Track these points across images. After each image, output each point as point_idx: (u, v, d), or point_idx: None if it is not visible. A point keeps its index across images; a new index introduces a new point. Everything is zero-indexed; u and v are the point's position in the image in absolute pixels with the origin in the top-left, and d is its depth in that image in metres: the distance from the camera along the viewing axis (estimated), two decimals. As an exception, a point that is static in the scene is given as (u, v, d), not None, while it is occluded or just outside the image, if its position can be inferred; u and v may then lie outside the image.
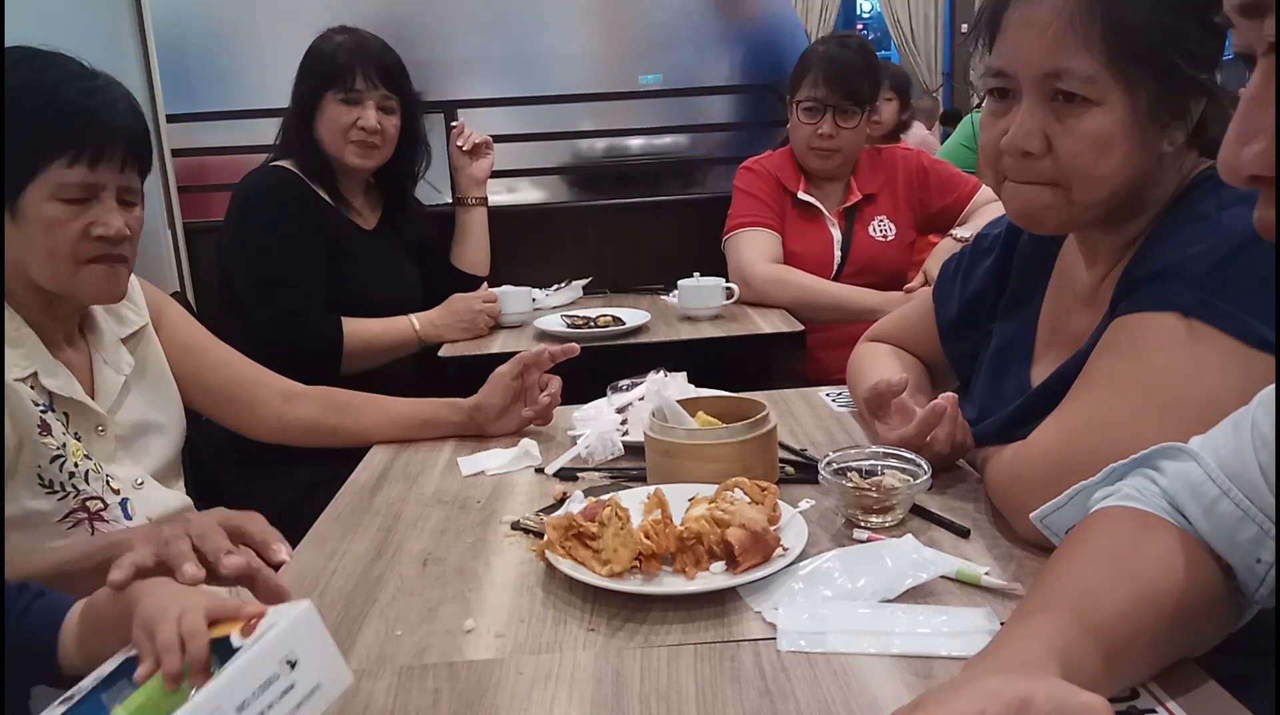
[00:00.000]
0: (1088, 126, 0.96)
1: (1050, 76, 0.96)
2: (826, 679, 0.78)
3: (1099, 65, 0.94)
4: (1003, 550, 0.99)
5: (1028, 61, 0.98)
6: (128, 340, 1.34)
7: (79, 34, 2.23)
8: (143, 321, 1.37)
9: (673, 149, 2.94)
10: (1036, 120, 0.98)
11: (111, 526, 1.21)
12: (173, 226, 2.62)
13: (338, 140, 2.13)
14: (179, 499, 1.33)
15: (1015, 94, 1.00)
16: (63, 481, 1.17)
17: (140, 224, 1.26)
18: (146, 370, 1.36)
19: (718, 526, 0.94)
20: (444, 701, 0.78)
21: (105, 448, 1.26)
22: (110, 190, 1.19)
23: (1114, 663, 0.68)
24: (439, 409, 1.47)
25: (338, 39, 2.15)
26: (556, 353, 1.45)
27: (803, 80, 2.37)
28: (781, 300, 2.32)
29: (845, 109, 2.33)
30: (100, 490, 1.21)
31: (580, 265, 2.68)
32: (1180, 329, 0.91)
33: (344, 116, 2.11)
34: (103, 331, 1.32)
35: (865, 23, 9.66)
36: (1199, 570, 0.74)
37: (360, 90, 2.12)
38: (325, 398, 1.51)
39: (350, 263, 2.13)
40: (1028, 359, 1.16)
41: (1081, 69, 0.95)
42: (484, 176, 2.48)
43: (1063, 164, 0.98)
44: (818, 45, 2.44)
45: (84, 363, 1.28)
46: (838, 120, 2.34)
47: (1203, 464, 0.76)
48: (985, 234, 1.30)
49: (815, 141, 2.36)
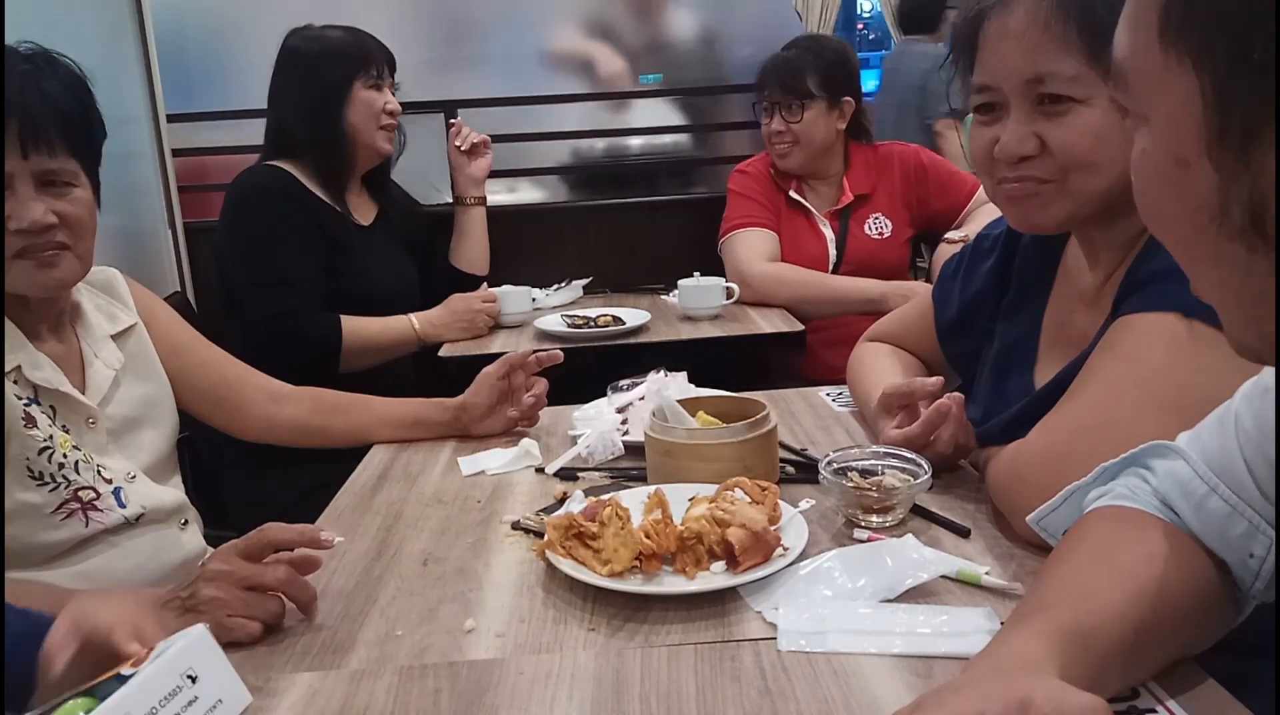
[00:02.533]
0: (1078, 123, 0.98)
1: (1034, 82, 0.98)
2: (827, 679, 0.78)
3: (1080, 64, 0.96)
4: (1003, 550, 0.99)
5: (1010, 71, 1.00)
6: (117, 337, 1.33)
7: (79, 34, 2.24)
8: (132, 320, 1.36)
9: (673, 149, 2.94)
10: (1027, 124, 1.00)
11: (106, 515, 1.20)
12: (173, 226, 2.62)
13: (371, 126, 2.16)
14: (172, 496, 1.32)
15: (1003, 106, 1.02)
16: (52, 472, 1.16)
17: (85, 206, 1.19)
18: (138, 366, 1.35)
19: (718, 526, 0.94)
20: (444, 701, 0.79)
21: (96, 440, 1.24)
22: (23, 178, 1.12)
23: (1113, 662, 0.68)
24: (427, 409, 1.48)
25: (337, 32, 2.16)
26: (544, 358, 1.46)
27: (759, 85, 2.47)
28: (781, 298, 2.32)
29: (787, 103, 2.39)
30: (92, 479, 1.20)
31: (580, 265, 2.68)
32: (1181, 329, 0.91)
33: (377, 101, 2.16)
34: (93, 326, 1.30)
35: (865, 22, 9.64)
36: (1194, 568, 0.74)
37: (382, 78, 2.18)
38: (314, 399, 1.51)
39: (347, 259, 2.13)
40: (1032, 360, 1.16)
41: (1064, 70, 0.97)
42: (482, 176, 2.48)
43: (1059, 159, 0.99)
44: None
45: (74, 356, 1.26)
46: (784, 115, 2.39)
47: (1190, 461, 0.76)
48: (986, 235, 1.30)
49: (772, 138, 2.43)
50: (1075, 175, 1.00)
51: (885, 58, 4.52)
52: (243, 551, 0.92)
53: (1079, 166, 0.99)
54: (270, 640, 0.90)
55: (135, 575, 1.22)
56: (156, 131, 2.58)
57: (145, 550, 1.25)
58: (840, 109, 2.41)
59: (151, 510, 1.26)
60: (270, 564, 0.92)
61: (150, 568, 1.24)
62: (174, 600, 0.92)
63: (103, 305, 1.34)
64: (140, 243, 2.49)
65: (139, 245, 2.48)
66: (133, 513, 1.23)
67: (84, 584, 1.16)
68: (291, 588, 0.92)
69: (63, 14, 2.14)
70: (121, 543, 1.23)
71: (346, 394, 1.53)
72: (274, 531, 0.93)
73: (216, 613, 0.89)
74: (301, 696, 0.81)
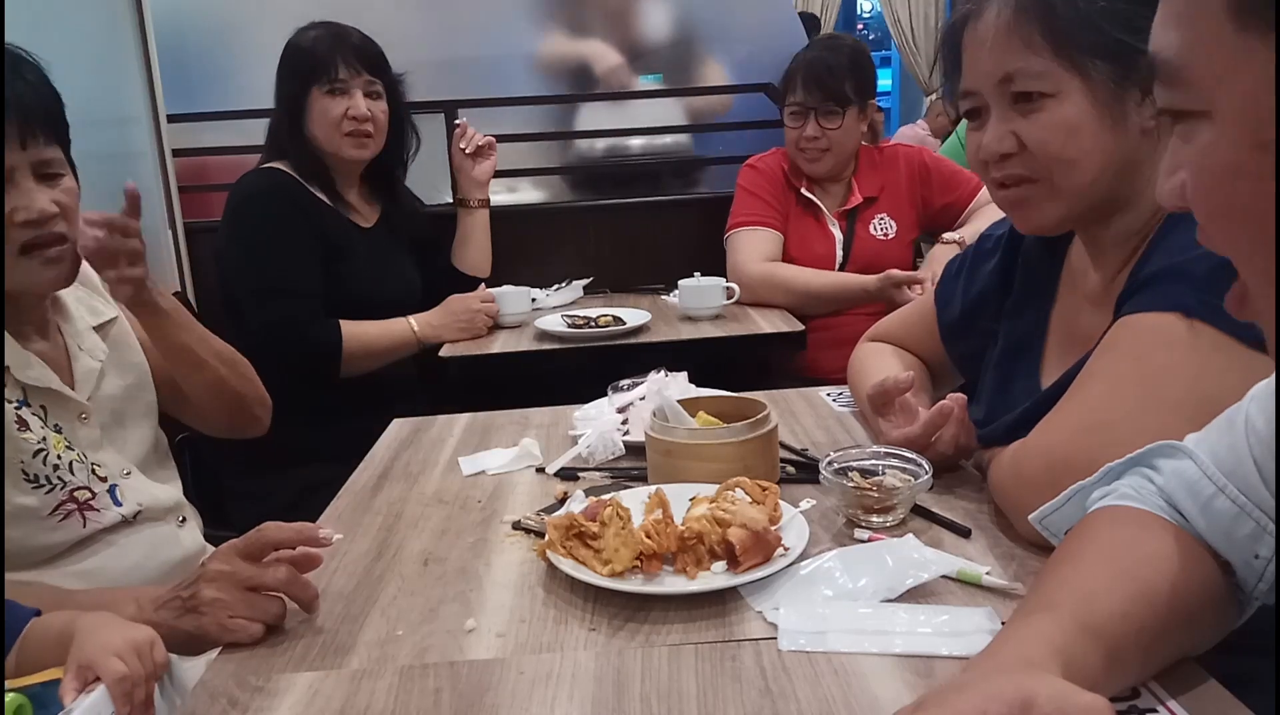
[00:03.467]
0: (1051, 117, 1.00)
1: (1005, 81, 1.02)
2: (827, 678, 0.78)
3: (1046, 60, 0.99)
4: (1004, 550, 0.99)
5: (982, 73, 1.04)
6: (99, 329, 1.32)
7: (79, 34, 2.23)
8: (113, 312, 1.34)
9: (673, 149, 2.94)
10: (1004, 124, 1.03)
11: (103, 515, 1.19)
12: (173, 226, 2.61)
13: (331, 135, 2.10)
14: (168, 492, 1.31)
15: (985, 109, 1.06)
16: (47, 475, 1.15)
17: (75, 196, 1.19)
18: (120, 358, 1.33)
19: (719, 526, 0.94)
20: (445, 701, 0.78)
21: (90, 435, 1.23)
22: (23, 170, 1.12)
23: (1115, 662, 0.68)
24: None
25: (313, 33, 2.12)
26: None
27: (788, 86, 2.42)
28: (775, 298, 2.32)
29: (828, 110, 2.35)
30: (86, 479, 1.19)
31: (580, 265, 2.68)
32: (1183, 329, 0.91)
33: (333, 108, 2.09)
34: (75, 318, 1.29)
35: (865, 23, 9.65)
36: (1197, 568, 0.74)
37: (345, 79, 2.09)
38: None
39: (349, 262, 2.12)
40: (1037, 360, 1.16)
41: (1030, 67, 1.00)
42: (486, 179, 2.47)
43: (1036, 156, 1.02)
44: (804, 50, 2.46)
45: (59, 351, 1.25)
46: (821, 122, 2.36)
47: (1198, 461, 0.76)
48: (988, 235, 1.30)
49: (802, 144, 2.39)
50: (1057, 172, 1.02)
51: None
52: (242, 551, 0.91)
53: (1056, 161, 1.01)
54: (270, 640, 0.90)
55: (134, 574, 1.22)
56: (156, 131, 2.57)
57: (143, 548, 1.24)
58: (865, 112, 2.41)
59: (148, 507, 1.26)
60: (271, 564, 0.92)
61: (149, 566, 1.24)
62: (174, 599, 0.91)
63: (83, 298, 1.32)
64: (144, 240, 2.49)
65: (139, 245, 2.48)
66: (129, 510, 1.23)
67: (83, 584, 1.16)
68: (293, 588, 0.92)
69: (63, 14, 2.14)
70: (119, 541, 1.22)
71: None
72: (272, 531, 0.92)
73: (218, 614, 0.89)
74: (302, 696, 0.81)
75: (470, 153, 2.44)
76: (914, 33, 8.00)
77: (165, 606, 0.92)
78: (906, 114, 6.27)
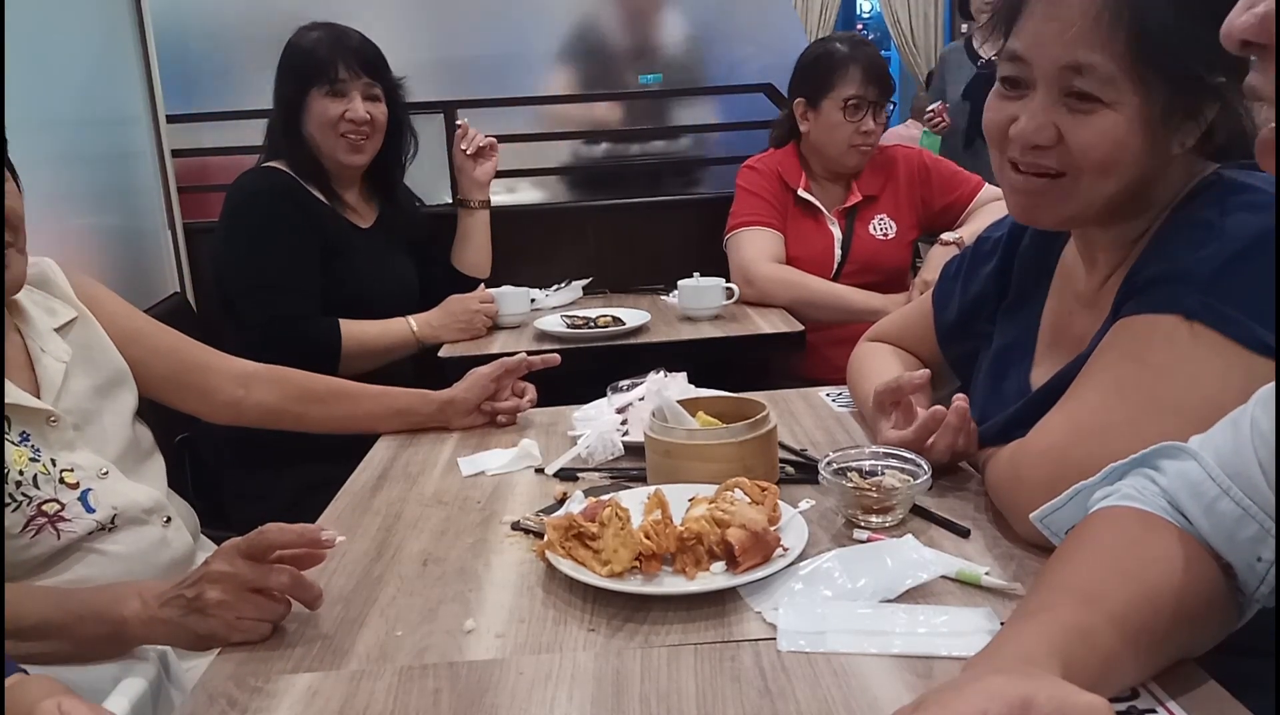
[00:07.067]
0: (1100, 125, 0.96)
1: (1070, 71, 0.95)
2: (827, 679, 0.78)
3: (1118, 67, 0.94)
4: (1003, 550, 0.99)
5: (1048, 53, 0.97)
6: (60, 330, 1.28)
7: (79, 34, 2.23)
8: (72, 314, 1.31)
9: (673, 149, 2.94)
10: (1049, 113, 0.98)
11: (75, 523, 1.17)
12: (173, 226, 2.61)
13: (329, 136, 2.10)
14: (146, 493, 1.27)
15: (1029, 84, 0.99)
16: (11, 493, 1.12)
17: (20, 200, 1.15)
18: (87, 356, 1.30)
19: (718, 527, 0.94)
20: (444, 702, 0.78)
21: (63, 437, 1.20)
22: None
23: (1115, 663, 0.68)
24: (411, 400, 1.49)
25: (313, 34, 2.12)
26: (536, 362, 1.48)
27: (835, 79, 2.36)
28: (784, 300, 2.32)
29: (882, 104, 2.38)
30: (53, 491, 1.16)
31: (580, 265, 2.68)
32: (1182, 331, 0.91)
33: (331, 110, 2.09)
34: (34, 320, 1.25)
35: (865, 23, 9.65)
36: (1199, 569, 0.74)
37: (344, 81, 2.09)
38: (286, 383, 1.48)
39: (347, 262, 2.12)
40: (1028, 361, 1.16)
41: (1102, 68, 0.94)
42: (487, 180, 2.46)
43: (1073, 157, 0.98)
44: (836, 44, 2.42)
45: (20, 357, 1.22)
46: (874, 117, 2.37)
47: (1202, 463, 0.75)
48: (986, 238, 1.30)
49: (857, 139, 2.37)
50: (1086, 177, 0.98)
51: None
52: (244, 552, 0.91)
53: (1093, 168, 0.97)
54: (270, 641, 0.90)
55: (124, 579, 1.18)
56: (156, 132, 2.58)
57: (129, 553, 1.21)
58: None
59: (124, 509, 1.22)
60: (274, 566, 0.91)
61: (139, 570, 1.21)
62: (178, 597, 0.91)
63: (40, 301, 1.29)
64: (140, 243, 2.49)
65: (139, 246, 2.48)
66: (104, 516, 1.19)
67: None
68: (296, 591, 0.92)
69: (63, 14, 2.14)
70: (103, 548, 1.19)
71: (323, 379, 1.51)
72: (274, 533, 0.92)
73: (224, 615, 0.89)
74: (301, 697, 0.81)
75: (471, 153, 2.44)
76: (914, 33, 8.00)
77: (169, 604, 0.92)
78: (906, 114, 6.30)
